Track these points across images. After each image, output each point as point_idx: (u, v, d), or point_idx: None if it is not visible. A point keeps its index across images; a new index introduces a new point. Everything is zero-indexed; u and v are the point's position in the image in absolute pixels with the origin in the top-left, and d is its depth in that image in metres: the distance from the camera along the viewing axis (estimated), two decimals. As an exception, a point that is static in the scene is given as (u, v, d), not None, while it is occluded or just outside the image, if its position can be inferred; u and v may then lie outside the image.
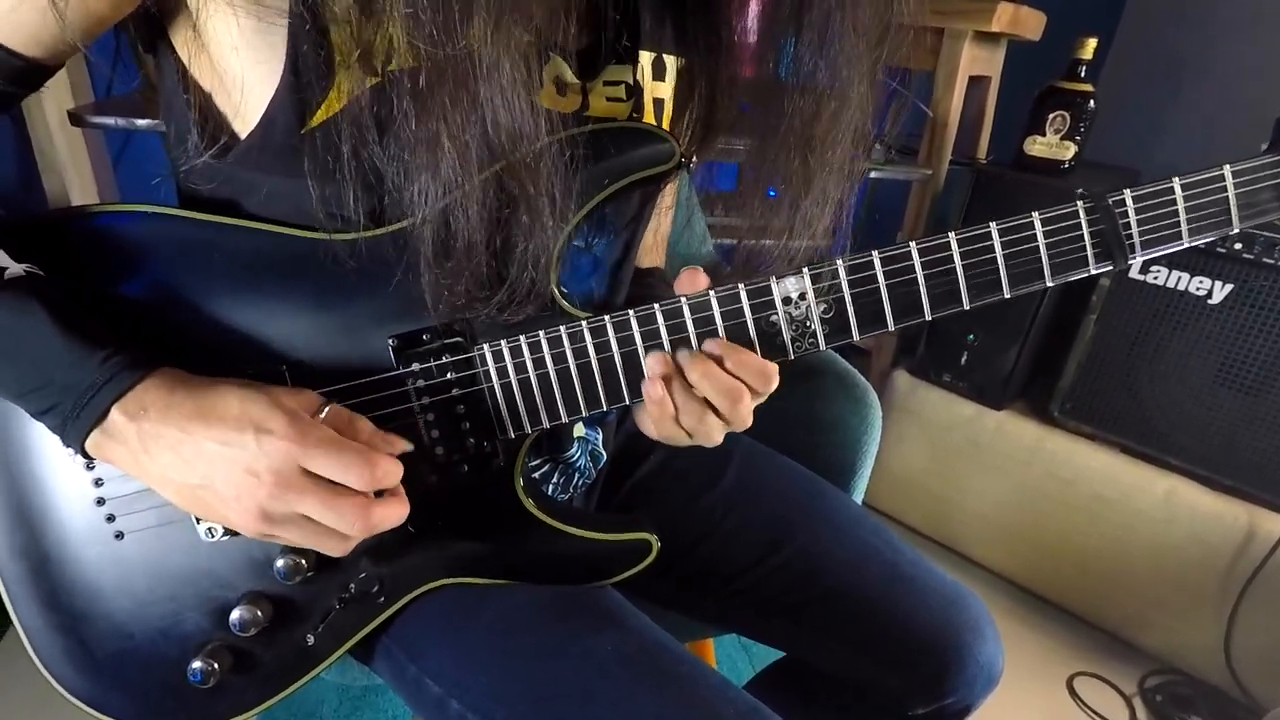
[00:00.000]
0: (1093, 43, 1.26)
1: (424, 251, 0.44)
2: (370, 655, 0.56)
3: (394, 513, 0.45)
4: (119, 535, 0.50)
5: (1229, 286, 1.19)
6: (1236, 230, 0.49)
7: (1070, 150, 1.30)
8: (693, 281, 0.49)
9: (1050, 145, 1.31)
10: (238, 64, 0.44)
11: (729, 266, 0.56)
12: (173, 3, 0.46)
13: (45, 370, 0.42)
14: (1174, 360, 1.27)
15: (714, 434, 0.51)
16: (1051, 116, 1.29)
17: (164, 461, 0.43)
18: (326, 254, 0.47)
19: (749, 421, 0.51)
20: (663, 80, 0.56)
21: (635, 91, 0.54)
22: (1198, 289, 1.22)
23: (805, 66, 0.48)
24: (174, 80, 0.49)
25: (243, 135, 0.46)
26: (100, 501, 0.50)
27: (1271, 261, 1.15)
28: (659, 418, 0.51)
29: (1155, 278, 1.26)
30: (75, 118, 0.99)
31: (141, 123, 0.98)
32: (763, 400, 0.51)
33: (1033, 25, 1.45)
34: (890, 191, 1.71)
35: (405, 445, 0.47)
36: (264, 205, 0.49)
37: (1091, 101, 1.27)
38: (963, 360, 1.49)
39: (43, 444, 0.49)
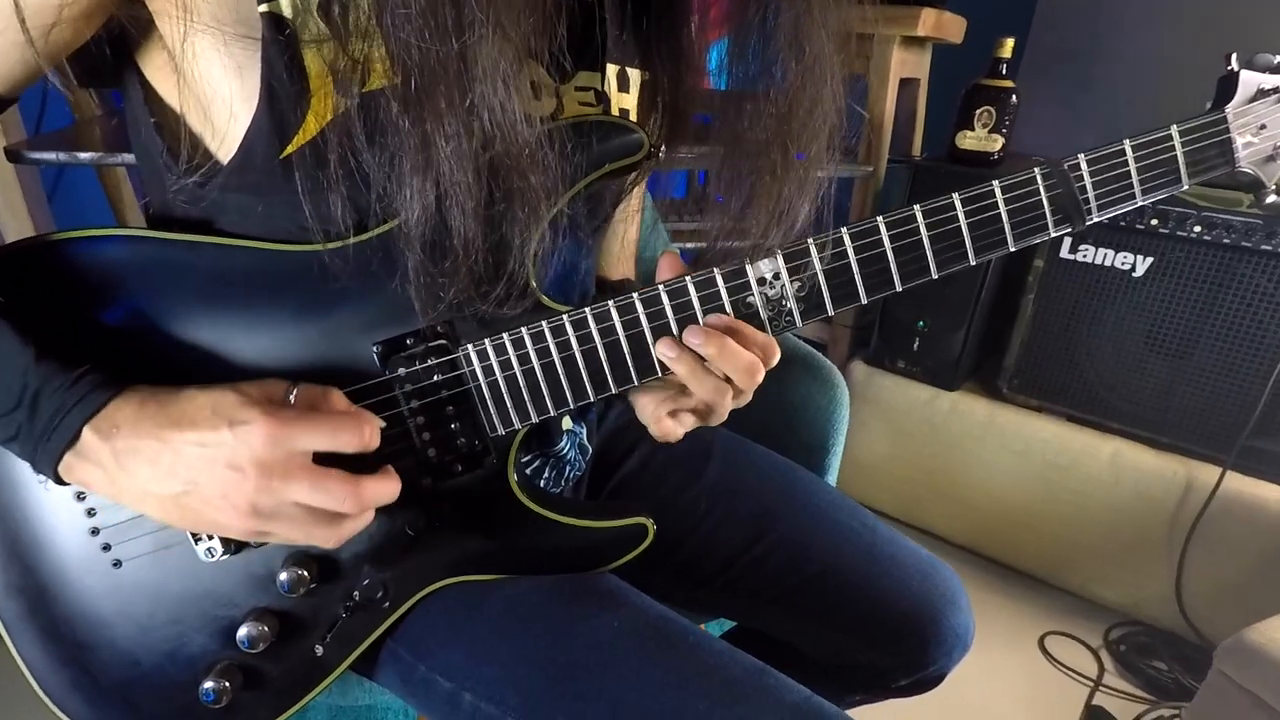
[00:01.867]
0: (1010, 42, 1.35)
1: (412, 255, 0.45)
2: (374, 665, 0.56)
3: (384, 487, 0.46)
4: (117, 563, 0.49)
5: (1150, 260, 1.28)
6: (1186, 186, 0.51)
7: (998, 142, 1.38)
8: (671, 266, 0.51)
9: (980, 139, 1.39)
10: (216, 88, 0.45)
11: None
12: (139, 27, 0.46)
13: (11, 394, 0.41)
14: (1107, 331, 1.35)
15: (724, 411, 0.53)
16: (978, 112, 1.37)
17: (143, 476, 0.42)
18: (317, 267, 0.47)
19: (749, 398, 0.54)
20: (627, 92, 0.58)
21: (603, 99, 0.56)
22: (1122, 264, 1.31)
23: (777, 71, 0.50)
24: (141, 106, 0.49)
25: (223, 159, 0.47)
26: (95, 531, 0.49)
27: (1184, 234, 1.24)
28: (674, 399, 0.54)
29: (1084, 256, 1.34)
30: (13, 154, 0.96)
31: (84, 156, 0.96)
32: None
33: (954, 29, 1.54)
34: (834, 190, 1.77)
35: (379, 420, 0.47)
36: (238, 224, 0.49)
37: (1014, 96, 1.36)
38: (915, 346, 1.55)
39: (31, 477, 0.49)
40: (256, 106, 0.44)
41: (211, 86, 0.45)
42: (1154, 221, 1.26)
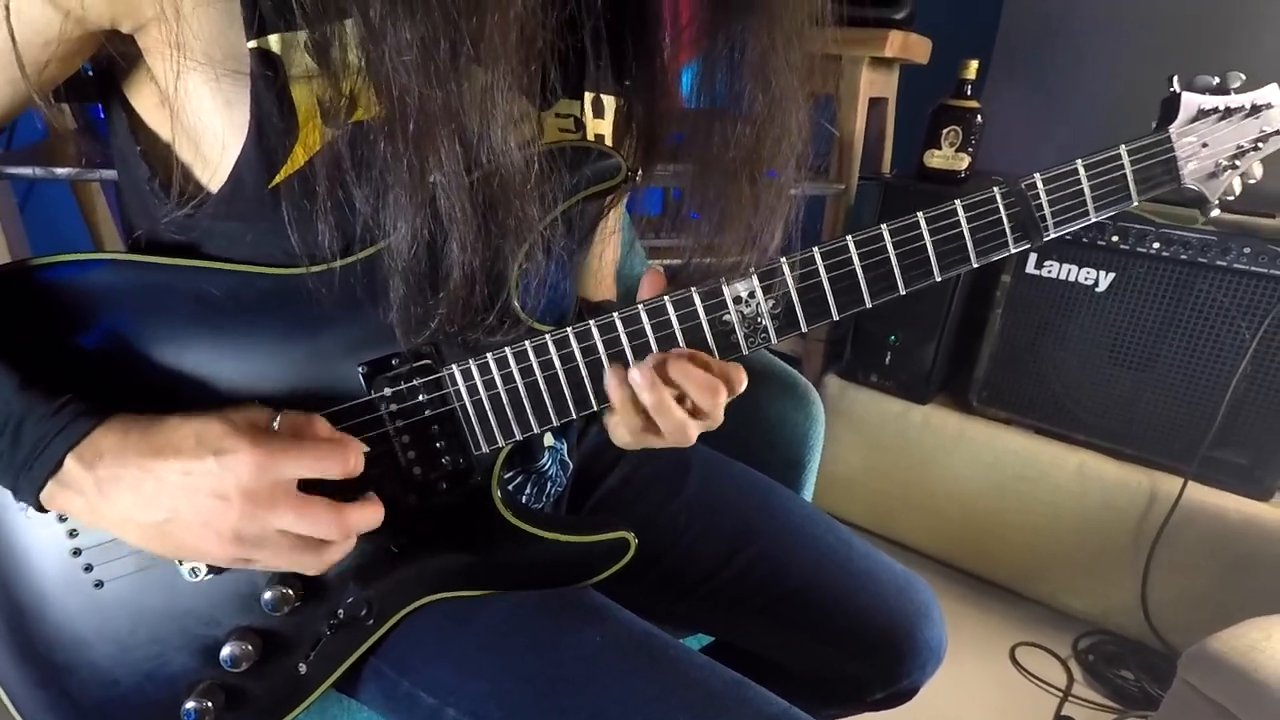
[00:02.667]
0: (974, 64, 1.39)
1: (396, 286, 0.46)
2: (356, 683, 0.56)
3: (368, 513, 0.46)
4: (98, 584, 0.49)
5: (1112, 275, 1.33)
6: (1136, 203, 0.53)
7: (965, 161, 1.43)
8: (653, 284, 0.52)
9: (947, 157, 1.43)
10: (206, 121, 0.45)
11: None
12: (127, 59, 0.47)
13: None
14: (1072, 345, 1.39)
15: (691, 433, 0.53)
16: (945, 131, 1.42)
17: (124, 504, 0.43)
18: (303, 290, 0.48)
19: (720, 418, 0.54)
20: (602, 118, 0.60)
21: (580, 126, 0.58)
22: (1086, 279, 1.35)
23: (745, 100, 0.52)
24: (126, 136, 0.50)
25: (213, 189, 0.47)
26: (76, 552, 0.49)
27: (1144, 250, 1.28)
28: (630, 425, 0.53)
29: (1049, 271, 1.38)
30: (-10, 171, 0.96)
31: (61, 171, 0.96)
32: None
33: (920, 50, 1.58)
34: (807, 207, 1.81)
35: (363, 445, 0.48)
36: (224, 249, 0.49)
37: (979, 117, 1.40)
38: (887, 360, 1.58)
39: (12, 500, 0.48)
40: (245, 138, 0.44)
41: (201, 120, 0.45)
42: (1115, 238, 1.30)
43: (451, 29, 0.39)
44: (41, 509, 0.44)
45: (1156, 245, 1.27)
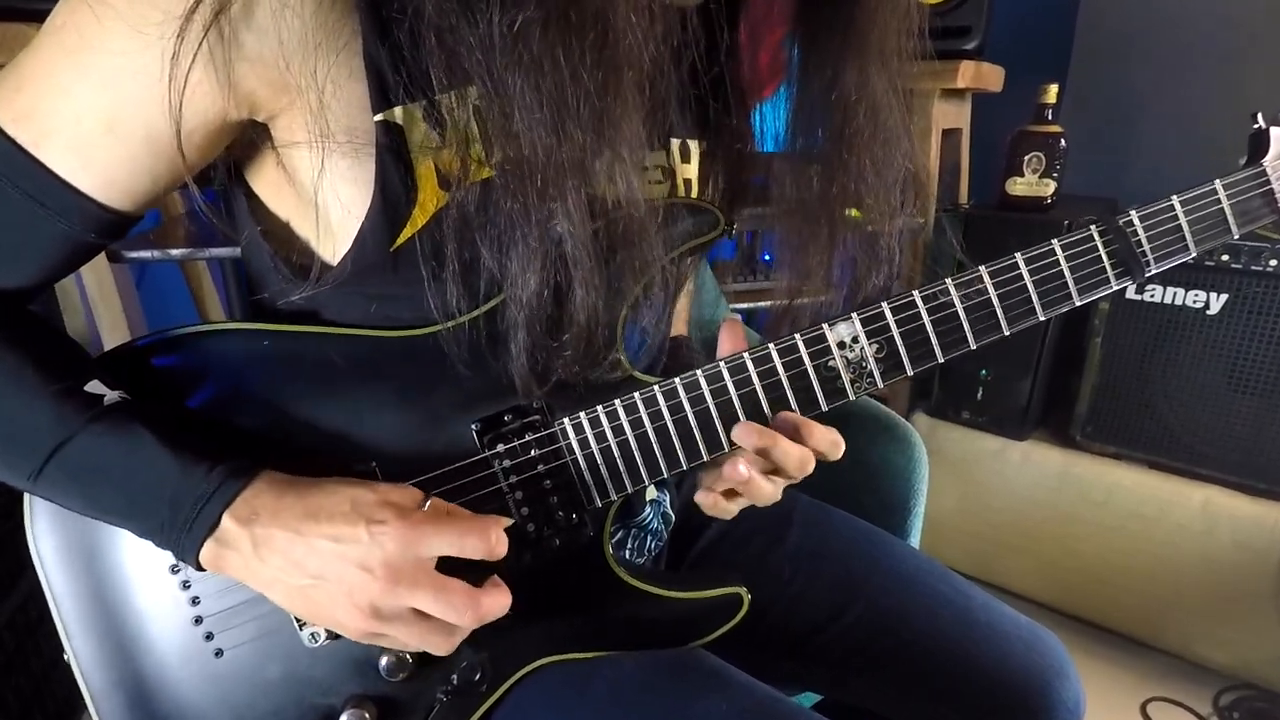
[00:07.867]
0: (1054, 88, 1.36)
1: (519, 335, 0.46)
2: (471, 750, 0.55)
3: (500, 601, 0.46)
4: (218, 652, 0.50)
5: (1224, 296, 1.24)
6: (1236, 236, 0.53)
7: (1050, 187, 1.37)
8: (733, 334, 0.53)
9: (1031, 184, 1.38)
10: (332, 195, 0.46)
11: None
12: (248, 147, 0.49)
13: (153, 488, 0.43)
14: (1184, 372, 1.30)
15: (777, 495, 0.53)
16: (1028, 158, 1.37)
17: (275, 564, 0.43)
18: (418, 351, 0.49)
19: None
20: (689, 162, 0.60)
21: (669, 174, 0.58)
22: (1194, 302, 1.27)
23: (846, 138, 0.52)
24: (246, 215, 0.52)
25: (334, 259, 0.48)
26: (198, 620, 0.50)
27: (1260, 268, 1.20)
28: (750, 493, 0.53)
29: (1152, 295, 1.31)
30: (113, 254, 1.04)
31: (176, 253, 1.03)
32: None
33: (993, 79, 1.55)
34: (900, 244, 1.78)
35: (506, 521, 0.48)
36: (342, 314, 0.51)
37: (1063, 141, 1.36)
38: (979, 396, 1.51)
39: (136, 572, 0.50)
40: (370, 206, 0.46)
41: (327, 194, 0.47)
42: (1225, 257, 1.22)
43: (579, 84, 0.40)
44: (200, 568, 0.45)
45: (1275, 263, 1.18)
